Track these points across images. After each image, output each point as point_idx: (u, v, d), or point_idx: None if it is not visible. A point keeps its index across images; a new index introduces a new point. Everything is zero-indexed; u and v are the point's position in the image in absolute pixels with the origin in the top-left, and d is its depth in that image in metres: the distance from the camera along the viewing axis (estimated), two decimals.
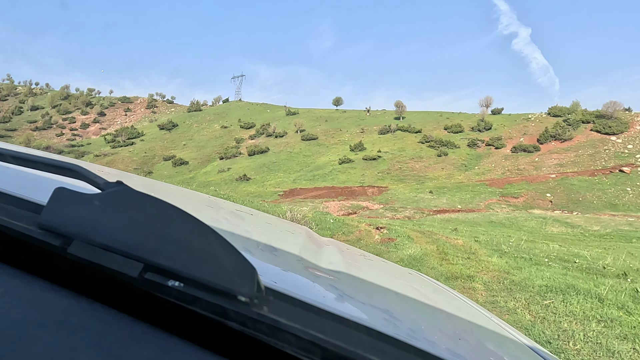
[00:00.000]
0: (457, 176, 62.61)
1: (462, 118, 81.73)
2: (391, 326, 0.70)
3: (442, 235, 12.85)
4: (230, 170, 75.21)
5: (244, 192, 61.99)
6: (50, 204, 0.53)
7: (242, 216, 1.49)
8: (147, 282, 0.49)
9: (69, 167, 0.62)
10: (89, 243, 0.50)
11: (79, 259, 0.50)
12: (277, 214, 12.09)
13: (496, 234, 17.37)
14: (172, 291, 0.48)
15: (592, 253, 11.93)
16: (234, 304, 0.47)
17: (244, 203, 15.27)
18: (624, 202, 48.75)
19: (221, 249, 0.49)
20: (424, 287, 1.42)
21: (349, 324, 0.56)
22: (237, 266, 0.48)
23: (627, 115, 66.23)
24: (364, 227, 13.08)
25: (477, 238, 13.21)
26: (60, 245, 0.51)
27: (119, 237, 0.49)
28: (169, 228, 0.49)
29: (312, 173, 67.65)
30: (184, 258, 0.48)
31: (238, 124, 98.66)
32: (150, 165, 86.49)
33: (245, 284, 0.47)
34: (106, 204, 0.52)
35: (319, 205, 48.06)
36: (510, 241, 13.69)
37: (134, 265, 0.48)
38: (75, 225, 0.51)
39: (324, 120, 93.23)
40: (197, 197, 1.71)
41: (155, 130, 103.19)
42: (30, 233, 0.53)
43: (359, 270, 1.26)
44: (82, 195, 0.53)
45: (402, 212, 44.40)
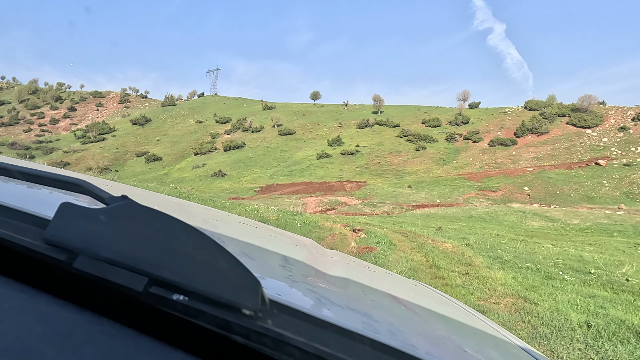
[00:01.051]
0: (435, 170, 61.58)
1: (440, 112, 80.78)
2: (396, 338, 0.70)
3: (427, 238, 11.17)
4: (205, 166, 72.54)
5: (219, 189, 59.70)
6: (56, 219, 0.54)
7: (246, 229, 1.50)
8: (152, 296, 0.48)
9: (74, 182, 0.63)
10: (94, 257, 0.50)
11: (84, 273, 0.50)
12: (245, 213, 10.20)
13: (484, 233, 15.83)
14: (176, 305, 0.48)
15: (597, 257, 10.44)
16: (239, 317, 0.47)
17: (213, 203, 13.28)
18: (601, 195, 48.40)
19: (225, 262, 0.48)
20: (429, 299, 1.40)
21: (354, 337, 0.55)
22: (241, 279, 0.48)
23: (602, 108, 66.24)
24: (339, 229, 11.31)
25: (467, 240, 11.59)
26: (65, 260, 0.51)
27: (124, 251, 0.49)
28: (173, 242, 0.49)
29: (289, 168, 65.69)
30: (188, 272, 0.48)
31: (213, 119, 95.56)
32: (122, 162, 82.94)
33: (250, 297, 0.47)
34: (111, 219, 0.52)
35: (297, 201, 46.22)
36: (503, 242, 12.14)
37: (139, 279, 0.49)
38: (80, 240, 0.51)
39: (301, 114, 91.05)
40: (201, 210, 1.70)
41: (127, 125, 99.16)
42: (36, 248, 0.53)
43: (363, 282, 1.26)
44: (87, 210, 0.53)
45: (381, 208, 43.02)
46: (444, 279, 6.04)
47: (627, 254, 16.65)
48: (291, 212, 12.83)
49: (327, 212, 42.99)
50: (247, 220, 1.78)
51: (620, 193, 47.86)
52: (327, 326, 0.56)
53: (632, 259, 10.89)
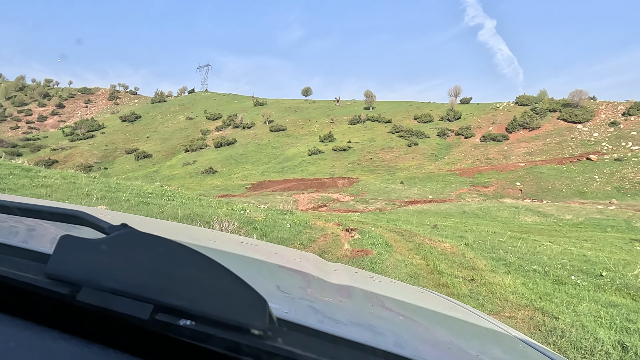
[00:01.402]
0: (427, 166, 61.23)
1: (431, 108, 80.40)
2: (407, 348, 0.69)
3: (424, 237, 10.60)
4: (196, 163, 71.55)
5: (209, 186, 58.85)
6: (56, 253, 0.53)
7: (248, 248, 1.52)
8: (158, 323, 0.48)
9: (72, 214, 0.63)
10: (98, 288, 0.50)
11: (89, 305, 0.50)
12: (232, 213, 9.55)
13: (480, 230, 15.30)
14: (184, 330, 0.47)
15: (601, 256, 9.94)
16: (248, 338, 0.46)
17: (199, 201, 12.58)
18: (592, 190, 48.32)
19: (230, 283, 0.48)
20: (437, 306, 1.40)
21: (366, 350, 0.55)
22: (247, 299, 0.47)
23: (592, 103, 66.25)
24: (332, 229, 10.69)
25: (465, 239, 11.03)
26: (68, 293, 0.51)
27: (128, 280, 0.49)
28: (176, 267, 0.49)
29: (281, 165, 64.96)
30: (193, 296, 0.47)
31: (204, 115, 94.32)
32: (111, 159, 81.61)
33: (257, 316, 0.47)
34: (112, 248, 0.52)
35: (288, 198, 45.61)
36: (502, 240, 11.60)
37: (144, 307, 0.48)
38: (82, 272, 0.51)
39: (292, 110, 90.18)
40: (202, 232, 1.75)
41: (117, 122, 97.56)
42: (38, 283, 0.53)
43: (370, 294, 1.27)
44: (87, 241, 0.53)
45: (374, 204, 42.54)
46: (448, 287, 5.43)
47: (626, 250, 16.27)
48: (281, 211, 12.17)
49: (319, 209, 42.39)
50: (247, 239, 1.79)
51: (611, 188, 47.80)
52: (338, 340, 0.55)
53: (637, 258, 10.40)
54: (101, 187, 11.05)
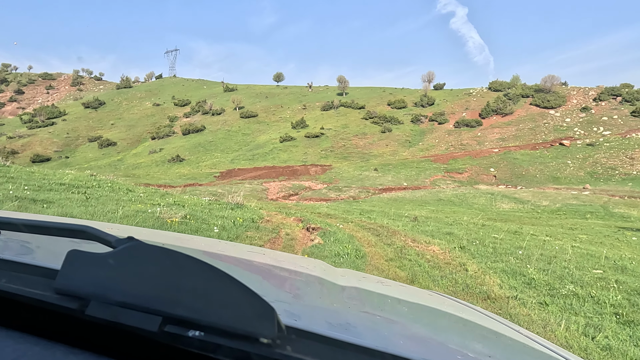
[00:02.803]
0: (401, 153, 59.35)
1: (405, 94, 78.38)
2: (417, 352, 0.69)
3: (406, 237, 8.24)
4: (163, 151, 67.63)
5: (176, 175, 55.37)
6: (64, 268, 0.53)
7: (255, 257, 1.52)
8: (167, 335, 0.48)
9: (79, 229, 0.63)
10: (106, 302, 0.50)
11: (98, 319, 0.49)
12: (144, 210, 6.90)
13: (469, 223, 13.05)
14: (193, 341, 0.47)
15: (615, 254, 7.79)
16: (257, 347, 0.46)
17: (123, 193, 9.79)
18: (566, 175, 47.40)
19: (238, 292, 0.48)
20: (448, 308, 1.38)
21: (375, 355, 0.55)
22: (255, 308, 0.47)
23: (564, 89, 65.52)
24: (289, 226, 8.19)
25: (455, 237, 8.72)
26: (77, 308, 0.51)
27: (136, 292, 0.49)
28: (184, 278, 0.49)
29: (251, 152, 61.90)
30: (202, 306, 0.47)
31: (172, 101, 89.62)
32: (73, 148, 76.55)
33: (266, 325, 0.46)
34: (119, 261, 0.52)
35: (258, 187, 42.95)
36: (497, 237, 9.37)
37: (153, 319, 0.48)
38: (90, 286, 0.51)
39: (264, 96, 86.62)
40: (208, 242, 1.75)
41: (79, 109, 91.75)
42: (47, 299, 0.53)
43: (379, 298, 1.26)
44: (95, 256, 0.53)
45: (347, 192, 40.29)
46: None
47: (625, 242, 14.48)
48: (227, 204, 9.53)
49: (289, 197, 39.90)
50: (254, 248, 1.79)
51: (584, 173, 46.97)
52: (347, 346, 0.55)
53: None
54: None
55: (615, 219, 27.85)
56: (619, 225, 22.74)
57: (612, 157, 48.15)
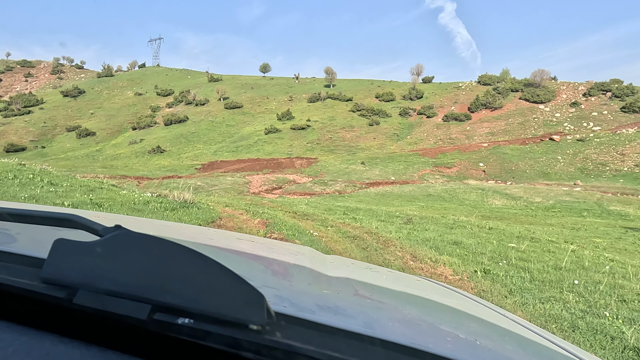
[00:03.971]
0: (389, 146, 57.33)
1: (393, 86, 76.27)
2: (406, 336, 0.69)
3: (403, 251, 6.09)
4: (143, 142, 64.55)
5: (155, 166, 52.50)
6: (51, 257, 0.53)
7: (244, 244, 1.50)
8: (156, 323, 0.48)
9: (65, 217, 0.62)
10: (94, 291, 0.49)
11: (86, 308, 0.49)
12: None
13: (472, 226, 10.97)
14: (182, 329, 0.47)
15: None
16: (246, 333, 0.46)
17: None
18: (556, 170, 45.89)
19: (227, 279, 0.48)
20: (435, 293, 1.39)
21: (364, 339, 0.55)
22: (244, 295, 0.47)
23: (554, 84, 64.07)
24: (251, 231, 6.02)
25: (466, 250, 6.61)
26: (65, 297, 0.50)
27: (124, 281, 0.48)
28: (172, 266, 0.48)
29: (235, 144, 59.27)
30: (190, 294, 0.47)
31: (154, 91, 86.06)
32: (50, 137, 72.86)
33: (255, 311, 0.46)
34: (107, 250, 0.51)
35: (240, 180, 40.54)
36: (517, 248, 7.31)
37: (142, 307, 0.47)
38: (78, 275, 0.50)
39: (249, 87, 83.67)
40: (197, 231, 1.71)
41: (58, 97, 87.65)
42: (34, 288, 0.52)
43: (367, 284, 1.25)
44: (82, 244, 0.52)
45: (332, 186, 38.11)
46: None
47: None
48: (169, 203, 7.26)
49: (273, 191, 37.59)
50: (243, 235, 1.75)
51: (575, 169, 45.52)
52: (336, 332, 0.55)
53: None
54: None
55: (613, 217, 26.16)
56: (623, 225, 20.97)
57: (602, 153, 46.76)
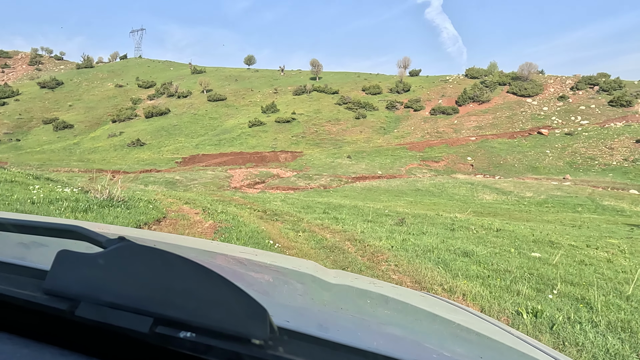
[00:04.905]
0: (376, 140, 55.66)
1: (380, 79, 74.52)
2: (410, 353, 0.68)
3: (400, 270, 4.36)
4: (123, 135, 61.81)
5: (134, 160, 49.97)
6: (54, 269, 0.52)
7: (247, 257, 1.50)
8: (158, 336, 0.47)
9: (68, 229, 0.61)
10: (97, 303, 0.49)
11: (88, 320, 0.48)
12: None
13: (477, 227, 9.25)
14: (184, 342, 0.46)
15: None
16: (249, 348, 0.45)
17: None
18: (545, 165, 44.72)
19: (230, 293, 0.47)
20: (440, 310, 1.37)
21: (367, 356, 0.54)
22: (247, 309, 0.46)
23: (541, 77, 63.00)
24: (191, 224, 4.35)
25: (490, 269, 4.90)
26: (67, 309, 0.50)
27: (126, 293, 0.48)
28: (175, 279, 0.48)
29: (218, 137, 56.99)
30: (193, 307, 0.46)
31: (136, 83, 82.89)
32: (25, 130, 69.50)
33: (258, 326, 0.46)
34: (110, 262, 0.51)
35: (221, 174, 38.43)
36: (552, 261, 5.63)
37: (144, 320, 0.47)
38: (80, 287, 0.50)
39: (233, 79, 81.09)
40: (200, 243, 1.71)
41: (34, 88, 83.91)
42: (36, 300, 0.51)
43: (371, 299, 1.25)
44: (85, 256, 0.52)
45: (317, 180, 36.29)
46: None
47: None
48: (88, 201, 5.37)
49: (255, 185, 35.58)
50: (247, 249, 1.75)
51: (563, 163, 44.40)
52: (339, 347, 0.54)
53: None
54: None
55: (609, 212, 24.85)
56: (624, 222, 19.57)
57: (591, 147, 45.73)
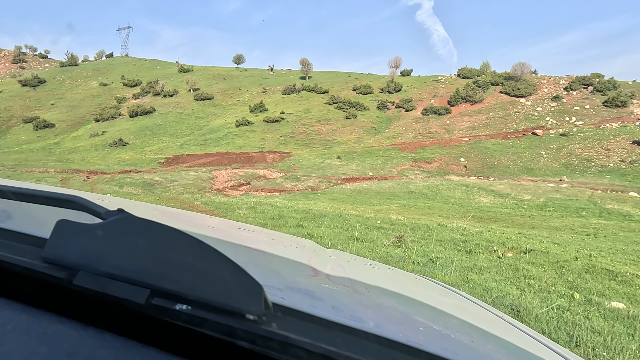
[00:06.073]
0: (366, 140, 53.63)
1: (371, 79, 72.57)
2: (402, 333, 0.67)
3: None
4: (105, 134, 59.04)
5: (115, 160, 47.26)
6: (53, 237, 0.52)
7: (245, 234, 1.48)
8: (154, 308, 0.47)
9: (68, 198, 0.61)
10: (94, 273, 0.49)
11: (85, 289, 0.48)
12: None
13: (512, 260, 7.18)
14: (180, 315, 0.47)
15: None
16: (243, 322, 0.46)
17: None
18: (540, 166, 42.99)
19: (226, 268, 0.47)
20: (433, 292, 1.37)
21: (360, 335, 0.54)
22: (243, 285, 0.46)
23: (535, 77, 61.50)
24: None
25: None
26: (65, 278, 0.50)
27: (124, 264, 0.48)
28: (173, 252, 0.48)
29: (204, 137, 54.54)
30: (189, 281, 0.46)
31: (121, 82, 79.93)
32: (4, 129, 66.30)
33: (253, 301, 0.46)
34: (109, 233, 0.50)
35: (205, 175, 36.07)
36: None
37: (141, 291, 0.47)
38: (79, 256, 0.50)
39: (221, 78, 78.57)
40: (199, 218, 1.69)
41: (15, 86, 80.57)
42: (35, 267, 0.52)
43: (366, 279, 1.24)
44: (84, 226, 0.52)
45: (305, 182, 34.10)
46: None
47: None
48: None
49: (239, 187, 33.23)
50: (245, 225, 1.72)
51: (559, 164, 42.72)
52: (332, 326, 0.54)
53: None
54: None
55: (616, 217, 22.96)
56: (638, 228, 17.71)
57: (587, 148, 44.13)
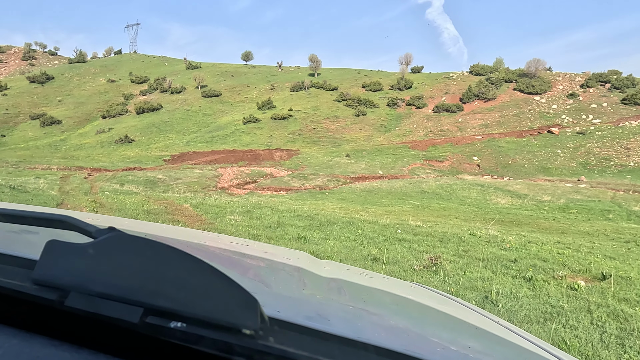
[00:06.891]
0: (376, 138, 52.11)
1: (381, 76, 70.94)
2: (399, 342, 0.67)
3: None
4: (112, 131, 58.17)
5: (120, 157, 46.24)
6: (43, 258, 0.51)
7: (239, 248, 1.48)
8: (148, 327, 0.46)
9: (58, 218, 0.60)
10: (86, 293, 0.48)
11: (77, 310, 0.47)
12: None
13: (579, 282, 5.79)
14: (175, 332, 0.46)
15: None
16: (239, 338, 0.45)
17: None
18: (557, 165, 41.17)
19: (220, 283, 0.46)
20: (430, 300, 1.37)
21: (357, 345, 0.53)
22: (238, 299, 0.46)
23: (549, 74, 59.48)
24: None
25: None
26: (56, 299, 0.49)
27: (116, 283, 0.47)
28: (165, 269, 0.47)
29: (210, 134, 53.40)
30: (183, 297, 0.46)
31: (128, 78, 79.17)
32: (11, 125, 65.77)
33: (248, 316, 0.45)
34: (100, 252, 0.50)
35: (210, 173, 34.89)
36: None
37: (134, 310, 0.46)
38: (70, 276, 0.49)
39: (229, 75, 77.41)
40: (191, 234, 1.69)
41: (24, 83, 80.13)
42: (25, 290, 0.50)
43: (362, 290, 1.24)
44: (74, 246, 0.51)
45: (313, 181, 32.73)
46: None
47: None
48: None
49: (245, 185, 31.94)
50: (239, 239, 1.71)
51: (576, 164, 40.86)
52: (330, 337, 0.54)
53: None
54: None
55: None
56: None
57: (605, 147, 42.19)
